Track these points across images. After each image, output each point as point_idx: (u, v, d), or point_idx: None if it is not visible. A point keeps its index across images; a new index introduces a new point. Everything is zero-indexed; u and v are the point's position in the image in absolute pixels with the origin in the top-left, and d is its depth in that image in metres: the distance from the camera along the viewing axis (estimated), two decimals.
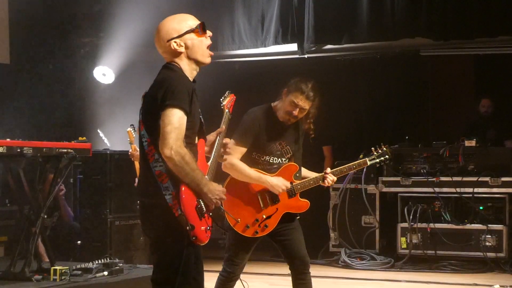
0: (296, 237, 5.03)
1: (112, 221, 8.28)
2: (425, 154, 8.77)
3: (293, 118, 4.93)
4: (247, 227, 4.90)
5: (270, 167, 4.97)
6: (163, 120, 3.58)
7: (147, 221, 3.77)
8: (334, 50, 9.33)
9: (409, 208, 8.51)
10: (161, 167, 3.64)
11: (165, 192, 3.62)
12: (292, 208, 5.01)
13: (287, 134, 5.02)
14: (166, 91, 3.62)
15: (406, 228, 8.49)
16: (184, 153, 3.58)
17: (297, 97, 4.86)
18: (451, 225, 8.38)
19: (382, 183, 8.79)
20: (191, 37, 3.81)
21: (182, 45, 3.79)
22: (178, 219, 3.61)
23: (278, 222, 4.96)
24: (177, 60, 3.81)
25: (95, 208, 8.34)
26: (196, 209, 3.66)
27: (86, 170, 8.61)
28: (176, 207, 3.60)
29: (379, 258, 8.57)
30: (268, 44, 9.26)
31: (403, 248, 8.51)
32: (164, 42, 3.80)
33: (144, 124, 3.74)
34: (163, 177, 3.64)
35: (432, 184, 8.49)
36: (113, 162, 8.40)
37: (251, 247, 5.03)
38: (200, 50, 3.84)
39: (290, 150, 5.03)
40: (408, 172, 8.76)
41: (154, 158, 3.66)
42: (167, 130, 3.57)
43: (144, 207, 3.78)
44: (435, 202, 8.49)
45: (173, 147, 3.55)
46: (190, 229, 3.61)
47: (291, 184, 4.98)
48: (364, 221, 8.88)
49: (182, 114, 3.61)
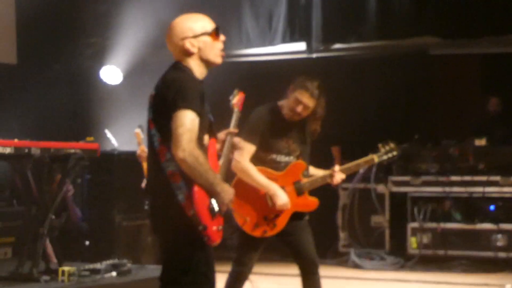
0: (305, 237, 5.02)
1: (120, 221, 8.27)
2: (435, 153, 8.74)
3: (297, 115, 4.92)
4: (256, 226, 4.89)
5: (277, 165, 4.96)
6: (175, 122, 3.56)
7: (159, 221, 3.74)
8: (342, 50, 9.33)
9: (419, 208, 8.49)
10: (174, 167, 3.61)
11: (178, 192, 3.60)
12: (301, 206, 5.00)
13: (294, 132, 5.01)
14: (177, 92, 3.60)
15: (416, 228, 8.46)
16: (198, 155, 3.55)
17: (302, 94, 4.87)
18: (461, 224, 8.35)
19: (392, 182, 8.76)
20: (206, 40, 3.79)
21: (196, 46, 3.77)
22: (190, 219, 3.59)
23: (287, 221, 4.94)
24: (187, 59, 3.79)
25: (103, 209, 8.34)
26: (208, 209, 3.64)
27: (93, 171, 8.59)
28: (189, 207, 3.59)
29: (389, 258, 8.55)
30: (276, 43, 9.26)
31: (413, 248, 8.49)
32: (178, 40, 3.77)
33: (154, 124, 3.71)
34: (176, 177, 3.61)
35: (442, 183, 8.46)
36: (121, 162, 8.40)
37: (260, 247, 5.02)
38: (213, 51, 3.82)
39: (297, 149, 5.02)
40: (417, 172, 8.73)
41: (166, 158, 3.64)
42: (180, 132, 3.54)
43: (155, 207, 3.75)
44: (445, 201, 8.48)
45: (186, 149, 3.52)
46: (202, 229, 3.59)
47: (298, 182, 4.96)
48: (374, 221, 8.85)
49: (194, 116, 3.58)
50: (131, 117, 8.75)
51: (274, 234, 4.94)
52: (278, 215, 4.92)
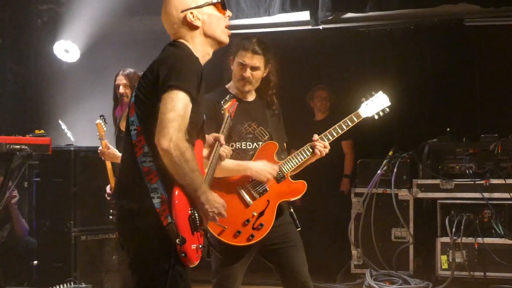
0: (295, 255, 5.10)
1: (77, 235, 8.25)
2: (472, 150, 8.74)
3: (248, 82, 5.13)
4: (238, 233, 4.95)
5: (245, 154, 5.09)
6: (164, 104, 3.61)
7: (127, 231, 3.77)
8: (356, 20, 9.34)
9: (451, 219, 8.46)
10: (151, 163, 3.67)
11: (153, 195, 3.65)
12: (286, 194, 5.10)
13: (256, 113, 5.19)
14: (171, 69, 3.67)
15: (447, 244, 8.46)
16: (186, 149, 3.60)
17: (243, 56, 5.10)
18: (504, 239, 8.34)
19: (417, 187, 8.75)
20: (211, 11, 3.92)
21: (200, 18, 3.88)
22: (166, 229, 3.62)
23: (274, 217, 5.01)
24: (188, 38, 3.89)
25: (56, 220, 8.31)
26: (189, 220, 3.67)
27: (44, 172, 8.60)
28: (166, 214, 3.62)
29: (413, 281, 8.54)
30: (273, 12, 9.25)
31: (443, 269, 8.47)
32: (177, 12, 3.88)
33: (135, 109, 3.77)
34: (152, 175, 3.66)
35: (480, 188, 8.45)
36: (79, 161, 8.39)
37: (245, 264, 5.07)
38: (220, 26, 3.94)
39: (265, 131, 5.17)
40: (450, 173, 8.73)
41: (142, 151, 3.70)
42: (169, 117, 3.59)
43: (123, 213, 3.78)
44: (484, 210, 8.46)
45: (173, 138, 3.56)
46: (180, 242, 3.62)
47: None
48: (395, 234, 8.85)
49: (188, 100, 3.65)
50: (91, 105, 8.77)
51: (264, 236, 4.98)
52: (262, 212, 4.99)
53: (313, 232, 9.07)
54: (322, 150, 5.15)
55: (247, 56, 5.08)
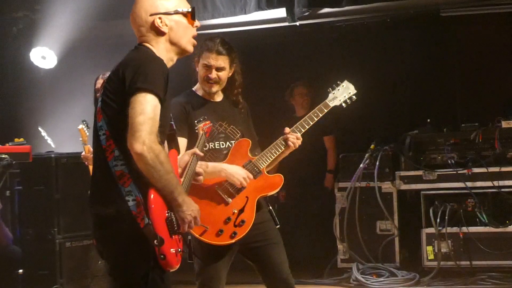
0: (276, 253, 5.12)
1: (62, 242, 8.24)
2: (453, 140, 8.77)
3: (215, 83, 5.17)
4: (220, 232, 4.96)
5: (219, 154, 5.13)
6: (133, 108, 3.62)
7: (105, 237, 3.77)
8: (332, 15, 9.31)
9: (435, 209, 8.50)
10: (123, 167, 3.67)
11: (128, 198, 3.65)
12: (264, 189, 5.13)
13: (225, 113, 5.23)
14: (137, 71, 3.68)
15: (432, 234, 8.48)
16: (159, 151, 3.61)
17: (207, 57, 5.12)
18: (489, 228, 8.38)
19: (400, 178, 8.78)
20: (180, 19, 3.95)
21: (167, 25, 3.91)
22: (143, 230, 3.63)
23: (254, 213, 5.04)
24: (153, 43, 3.91)
25: (40, 227, 8.29)
26: (166, 222, 3.68)
27: (26, 180, 8.57)
28: (142, 215, 3.63)
29: (400, 273, 8.55)
30: (250, 10, 9.22)
31: (430, 259, 8.50)
32: (146, 15, 3.90)
33: (103, 114, 3.78)
34: (125, 178, 3.67)
35: (463, 177, 8.48)
36: (60, 168, 8.36)
37: (227, 263, 5.08)
38: (186, 35, 3.96)
39: (236, 130, 5.21)
40: (432, 164, 8.76)
41: (113, 155, 3.70)
42: (139, 120, 3.59)
43: (99, 219, 3.78)
44: (467, 200, 8.48)
45: (146, 141, 3.57)
46: (158, 243, 3.62)
47: (249, 162, 5.11)
48: (380, 227, 8.87)
49: (157, 102, 3.66)
50: (70, 110, 8.74)
51: (246, 232, 4.99)
52: (242, 209, 5.02)
53: (299, 228, 9.09)
54: (295, 141, 5.17)
55: (212, 57, 5.10)
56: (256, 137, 5.38)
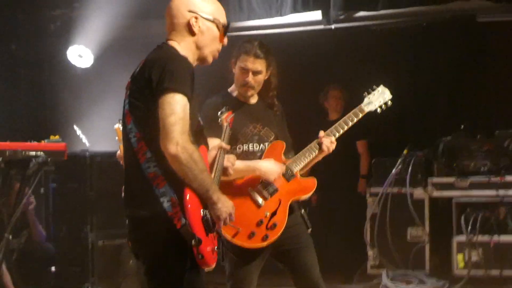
0: (307, 257, 5.14)
1: (95, 240, 8.32)
2: (486, 146, 8.73)
3: (251, 88, 5.13)
4: (252, 235, 4.95)
5: (253, 156, 5.11)
6: (163, 109, 3.62)
7: (140, 239, 3.80)
8: (368, 18, 9.33)
9: (467, 217, 8.47)
10: (156, 168, 3.68)
11: (163, 199, 3.66)
12: (297, 192, 5.12)
13: (260, 115, 5.21)
14: (164, 71, 3.66)
15: (463, 243, 8.46)
16: (193, 150, 3.63)
17: (245, 60, 5.07)
18: None
19: (433, 185, 8.75)
20: (212, 27, 3.94)
21: (200, 27, 3.91)
22: (180, 231, 3.64)
23: (287, 216, 5.03)
24: (179, 40, 3.90)
25: (73, 225, 8.40)
26: (202, 221, 3.69)
27: (60, 177, 8.66)
28: (178, 216, 3.64)
29: (430, 281, 8.54)
30: (285, 12, 9.26)
31: (460, 267, 8.48)
32: (184, 9, 3.91)
33: (132, 116, 3.77)
34: (158, 180, 3.67)
35: (496, 185, 8.45)
36: (95, 166, 8.45)
37: (259, 266, 5.10)
38: (212, 46, 3.96)
39: (271, 132, 5.20)
40: (465, 171, 8.71)
41: (145, 157, 3.71)
42: (171, 121, 3.60)
43: (135, 221, 3.80)
44: (499, 208, 8.45)
45: (179, 142, 3.58)
46: (196, 243, 3.63)
47: (283, 164, 5.10)
48: (411, 234, 8.85)
49: (185, 101, 3.66)
50: (105, 109, 8.78)
51: (278, 235, 4.99)
52: (274, 212, 5.01)
53: (330, 232, 9.10)
54: (329, 145, 5.15)
55: (250, 60, 5.06)
56: (290, 140, 5.36)
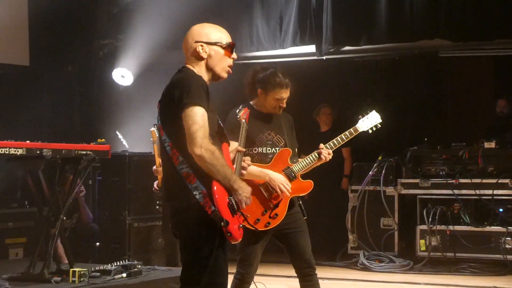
0: (302, 239, 5.09)
1: (131, 223, 8.32)
2: (444, 156, 8.72)
3: (282, 109, 5.08)
4: (257, 221, 4.95)
5: (265, 157, 5.06)
6: (186, 121, 3.65)
7: (180, 223, 3.83)
8: (352, 52, 9.32)
9: (428, 210, 8.47)
10: (187, 169, 3.72)
11: (195, 192, 3.70)
12: (297, 191, 5.08)
13: (274, 124, 5.14)
14: (182, 89, 3.69)
15: (425, 231, 8.45)
16: (214, 150, 3.66)
17: (280, 92, 5.00)
18: (470, 227, 8.33)
19: (401, 185, 8.76)
20: (218, 50, 3.92)
21: (206, 52, 3.89)
22: (211, 216, 3.68)
23: (286, 208, 5.00)
24: (194, 65, 3.90)
25: (114, 210, 8.39)
26: (228, 206, 3.73)
27: (105, 172, 8.67)
28: (209, 204, 3.68)
29: (398, 260, 8.54)
30: (287, 45, 9.28)
31: (422, 250, 8.47)
32: (192, 41, 3.90)
33: (164, 130, 3.81)
34: (190, 177, 3.71)
35: (451, 186, 8.45)
36: (132, 163, 8.45)
37: (262, 244, 5.08)
38: (222, 64, 3.93)
39: (282, 139, 5.14)
40: (427, 174, 8.72)
41: (179, 161, 3.74)
42: (194, 129, 3.63)
43: (175, 209, 3.83)
44: (454, 204, 8.44)
45: (203, 145, 3.62)
46: (224, 224, 3.68)
47: (287, 168, 5.05)
48: (383, 223, 8.85)
49: (203, 111, 3.68)
50: (141, 119, 8.81)
51: (277, 223, 4.98)
52: (277, 205, 4.99)
53: (318, 220, 9.07)
54: (327, 156, 5.13)
55: (284, 91, 5.00)
56: (297, 145, 5.29)
